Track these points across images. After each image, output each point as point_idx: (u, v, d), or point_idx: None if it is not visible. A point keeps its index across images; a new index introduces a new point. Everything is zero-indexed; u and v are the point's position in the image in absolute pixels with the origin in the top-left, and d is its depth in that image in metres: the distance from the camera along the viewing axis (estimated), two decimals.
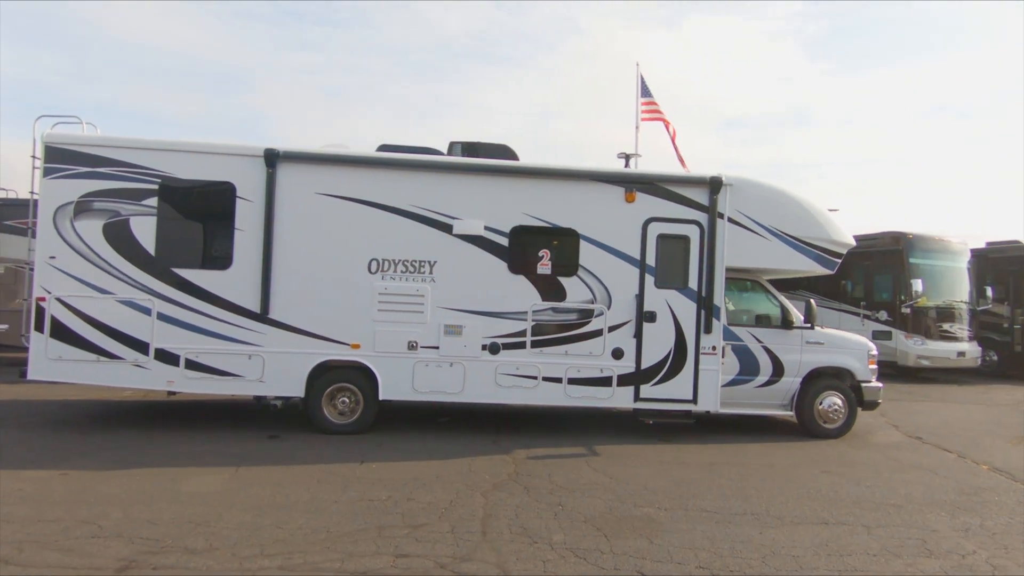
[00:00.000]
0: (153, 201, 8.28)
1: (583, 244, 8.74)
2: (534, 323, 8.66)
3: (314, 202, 8.46)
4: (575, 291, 8.73)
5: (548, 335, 8.70)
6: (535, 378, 8.65)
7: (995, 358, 19.10)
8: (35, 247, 8.26)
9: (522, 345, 8.66)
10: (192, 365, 8.26)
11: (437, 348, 8.53)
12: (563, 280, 8.72)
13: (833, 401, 9.32)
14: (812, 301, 9.80)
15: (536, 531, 5.19)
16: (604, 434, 9.03)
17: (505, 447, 8.09)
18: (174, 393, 8.83)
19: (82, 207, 8.19)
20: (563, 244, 8.78)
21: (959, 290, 18.23)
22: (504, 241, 8.65)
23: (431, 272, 8.54)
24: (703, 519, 5.63)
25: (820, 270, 9.27)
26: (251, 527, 5.08)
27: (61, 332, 8.12)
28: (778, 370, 9.31)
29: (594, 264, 8.75)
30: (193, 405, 10.18)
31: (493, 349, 8.60)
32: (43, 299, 8.13)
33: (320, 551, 4.67)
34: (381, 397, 8.48)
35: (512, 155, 9.38)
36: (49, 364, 8.13)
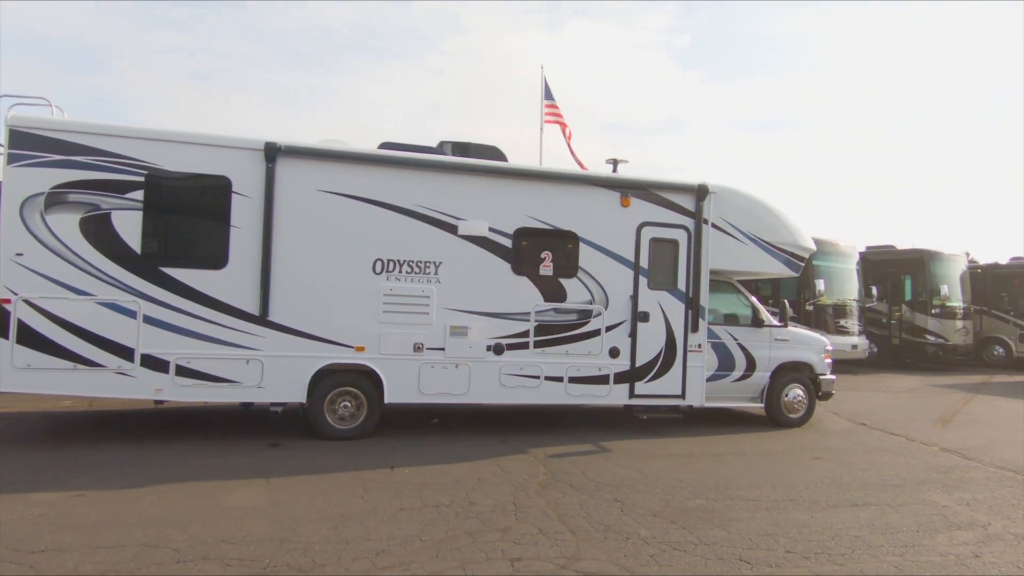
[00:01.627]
0: (138, 194, 7.63)
1: (582, 246, 8.98)
2: (536, 323, 8.81)
3: (316, 199, 8.13)
4: (575, 292, 8.96)
5: (550, 335, 8.87)
6: (538, 378, 8.80)
7: (875, 350, 21.31)
8: None
9: (525, 345, 8.78)
10: (183, 371, 7.69)
11: (443, 349, 8.47)
12: (564, 281, 8.93)
13: (797, 393, 10.17)
14: (786, 302, 10.62)
15: (618, 527, 5.38)
16: (600, 430, 9.34)
17: (518, 446, 8.18)
18: (161, 402, 8.19)
19: (55, 199, 7.41)
20: (564, 246, 8.98)
21: (850, 289, 20.18)
22: (508, 243, 8.73)
23: (436, 273, 8.47)
24: (752, 507, 6.04)
25: (788, 273, 10.09)
26: (339, 540, 4.90)
27: (30, 337, 7.31)
28: (751, 365, 10.02)
29: (593, 266, 9.02)
30: (152, 415, 9.46)
31: (497, 350, 8.66)
32: (7, 301, 7.28)
33: (431, 560, 4.61)
34: (387, 400, 8.30)
35: (502, 156, 9.47)
36: (16, 373, 7.29)
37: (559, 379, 8.88)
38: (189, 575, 4.26)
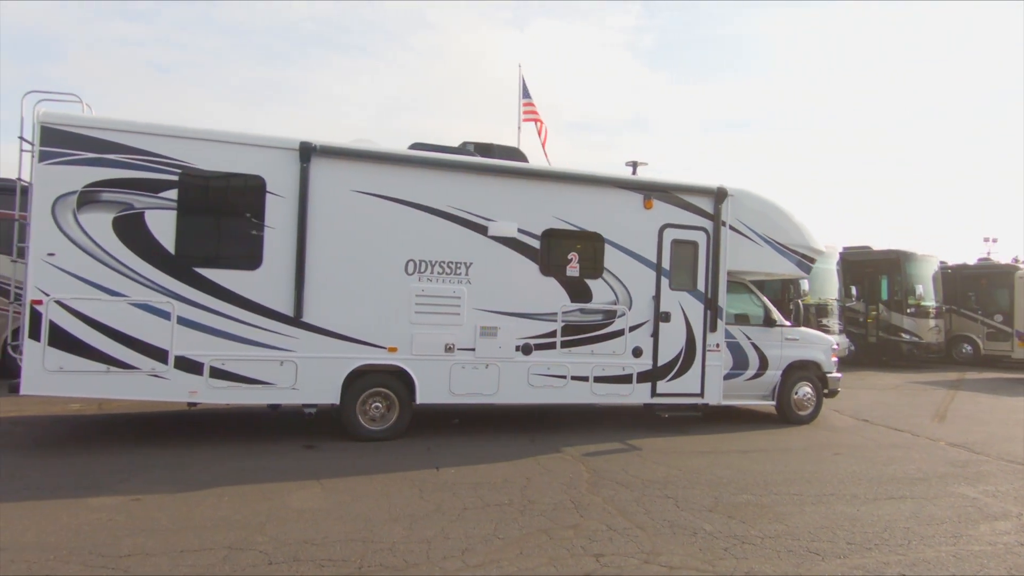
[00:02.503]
0: (172, 194, 7.53)
1: (608, 248, 9.15)
2: (563, 324, 8.94)
3: (349, 200, 8.13)
4: (600, 293, 9.12)
5: (576, 335, 9.01)
6: (564, 377, 8.94)
7: (854, 348, 21.99)
8: (29, 242, 7.20)
9: (552, 345, 8.90)
10: (217, 373, 7.63)
11: (473, 350, 8.54)
12: (589, 282, 9.08)
13: (806, 391, 10.51)
14: (799, 302, 10.94)
15: (681, 523, 5.54)
16: (620, 429, 9.51)
17: (548, 445, 8.31)
18: (194, 405, 8.09)
19: (87, 198, 7.28)
20: (590, 247, 9.12)
21: (831, 289, 20.77)
22: (536, 243, 8.84)
23: (467, 273, 8.53)
24: (797, 501, 6.27)
25: (800, 273, 10.43)
26: (419, 540, 4.96)
27: (62, 339, 7.17)
28: (764, 364, 10.32)
29: (617, 267, 9.19)
30: (160, 417, 9.34)
31: (526, 350, 8.76)
32: (39, 302, 7.13)
33: (518, 557, 4.70)
34: (419, 401, 8.35)
35: (523, 157, 9.60)
36: (48, 376, 7.15)
37: (585, 379, 9.03)
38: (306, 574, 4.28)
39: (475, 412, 10.11)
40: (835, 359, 10.87)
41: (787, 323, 10.57)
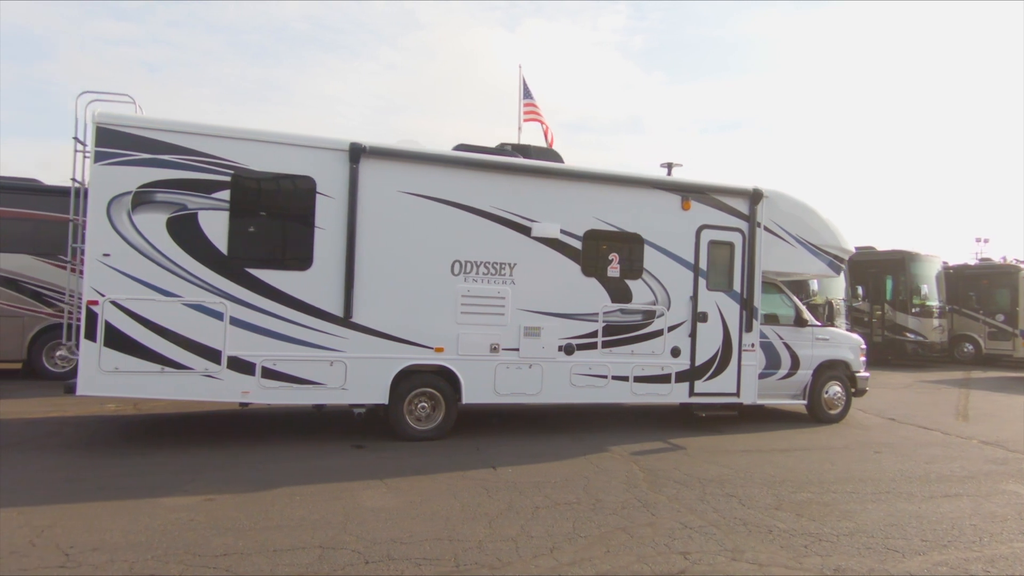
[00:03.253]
0: (225, 194, 7.54)
1: (647, 248, 9.23)
2: (604, 324, 9.01)
3: (397, 200, 8.17)
4: (640, 293, 9.20)
5: (616, 335, 9.09)
6: (605, 377, 9.01)
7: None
8: (85, 243, 7.20)
9: (594, 346, 8.98)
10: (269, 374, 7.65)
11: (517, 350, 8.60)
12: (629, 283, 9.16)
13: (836, 390, 10.64)
14: (833, 301, 11.08)
15: (752, 521, 5.63)
16: (658, 428, 9.61)
17: (594, 444, 8.39)
18: (246, 405, 8.11)
19: (142, 198, 7.28)
20: (629, 248, 9.20)
21: (838, 289, 20.98)
22: (578, 244, 8.91)
23: (511, 274, 8.59)
24: (857, 499, 6.38)
25: (831, 274, 10.56)
26: (504, 538, 5.02)
27: (117, 340, 7.17)
28: (795, 364, 10.44)
29: (656, 268, 9.27)
30: (194, 418, 9.35)
31: (568, 350, 8.83)
32: (95, 303, 7.13)
33: (606, 555, 4.77)
34: (464, 401, 8.39)
35: (559, 158, 9.66)
36: (104, 377, 7.16)
37: (625, 378, 9.11)
38: (390, 575, 4.32)
39: (508, 411, 10.17)
40: (863, 358, 11.01)
41: (817, 323, 10.70)
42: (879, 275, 23.33)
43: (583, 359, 8.90)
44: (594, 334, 8.97)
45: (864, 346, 11.17)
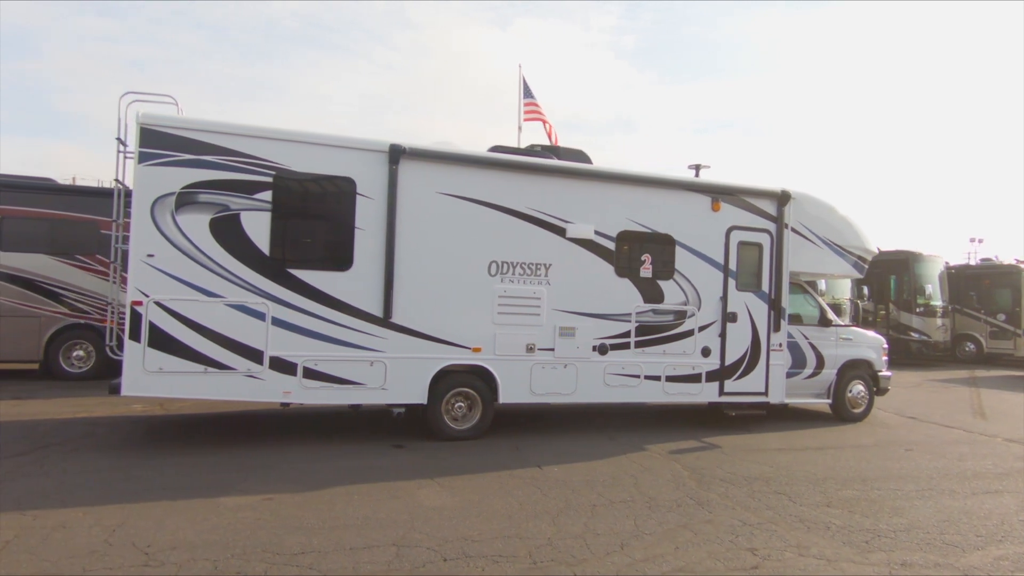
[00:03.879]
0: (267, 195, 7.56)
1: (678, 249, 9.31)
2: (637, 324, 9.09)
3: (435, 201, 8.21)
4: (671, 294, 9.28)
5: (649, 335, 9.16)
6: (638, 377, 9.09)
7: None
8: (130, 244, 7.19)
9: (627, 346, 9.05)
10: (310, 374, 7.67)
11: (552, 350, 8.66)
12: (661, 283, 9.23)
13: (860, 389, 10.77)
14: (858, 302, 11.20)
15: (807, 518, 5.72)
16: (688, 427, 9.69)
17: (631, 444, 8.45)
18: (287, 405, 8.12)
19: (185, 199, 7.28)
20: (661, 249, 9.27)
21: (844, 288, 21.19)
22: (611, 245, 8.98)
23: (547, 275, 8.65)
24: (902, 496, 6.48)
25: (855, 274, 10.68)
26: (571, 535, 5.08)
27: (161, 340, 7.18)
28: (820, 363, 10.56)
29: (687, 268, 9.36)
30: (226, 418, 9.36)
31: (602, 350, 8.90)
32: (139, 303, 7.13)
33: (675, 552, 4.84)
34: (501, 401, 8.44)
35: (587, 159, 9.72)
36: (148, 377, 7.16)
37: (657, 378, 9.18)
38: (472, 574, 4.37)
39: (532, 411, 10.23)
40: (886, 358, 11.14)
41: (840, 323, 10.82)
42: (883, 275, 23.50)
43: (616, 359, 8.97)
44: (627, 334, 9.04)
45: (886, 345, 11.30)
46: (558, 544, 4.90)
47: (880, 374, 10.99)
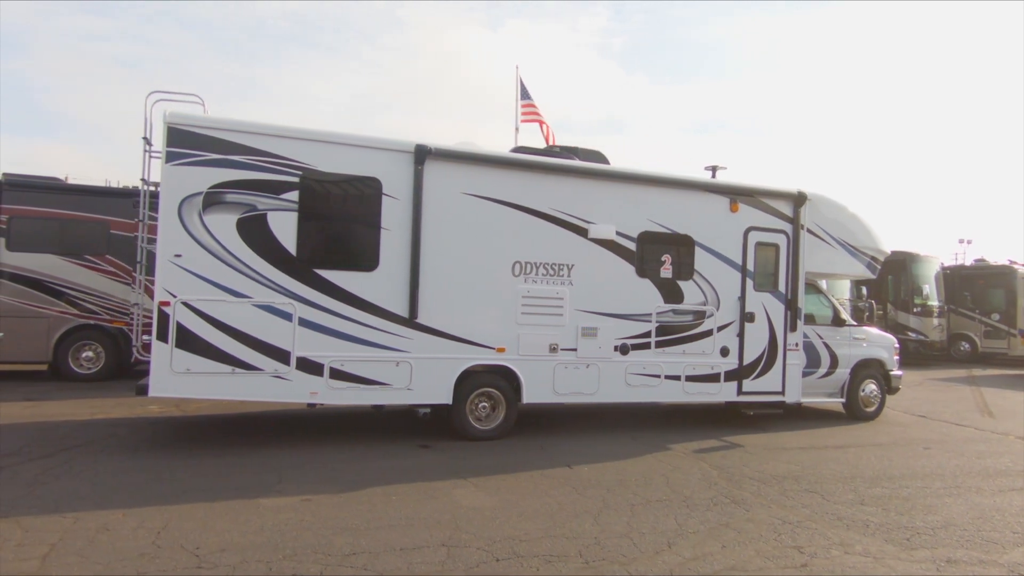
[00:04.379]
0: (293, 195, 7.54)
1: (697, 250, 9.36)
2: (657, 324, 9.13)
3: (460, 202, 8.21)
4: (691, 294, 9.33)
5: (669, 335, 9.21)
6: (659, 376, 9.13)
7: None
8: (157, 244, 7.15)
9: (647, 345, 9.09)
10: (337, 374, 7.65)
11: (575, 350, 8.69)
12: (681, 283, 9.28)
13: (872, 388, 10.87)
14: (873, 303, 11.29)
15: (844, 516, 5.78)
16: (706, 426, 9.74)
17: (654, 443, 8.50)
18: (314, 405, 8.10)
19: (212, 199, 7.25)
20: (681, 250, 9.32)
21: (843, 288, 21.34)
22: (632, 246, 9.01)
23: (569, 275, 8.67)
24: (930, 493, 6.55)
25: (869, 275, 10.78)
26: (616, 534, 5.11)
27: (188, 341, 7.14)
28: (834, 362, 10.65)
29: (706, 269, 9.41)
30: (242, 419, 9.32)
31: (623, 350, 8.93)
32: (167, 303, 7.09)
33: (724, 550, 4.87)
34: (525, 401, 8.46)
35: (605, 160, 9.75)
36: (175, 378, 7.12)
37: (677, 378, 9.23)
38: (525, 574, 4.38)
39: (547, 411, 10.25)
40: (897, 357, 11.25)
41: (853, 323, 10.92)
42: (881, 275, 23.62)
43: (637, 359, 9.01)
44: (648, 334, 9.08)
45: (897, 345, 11.41)
46: (605, 543, 4.92)
47: (892, 373, 11.09)
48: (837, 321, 10.77)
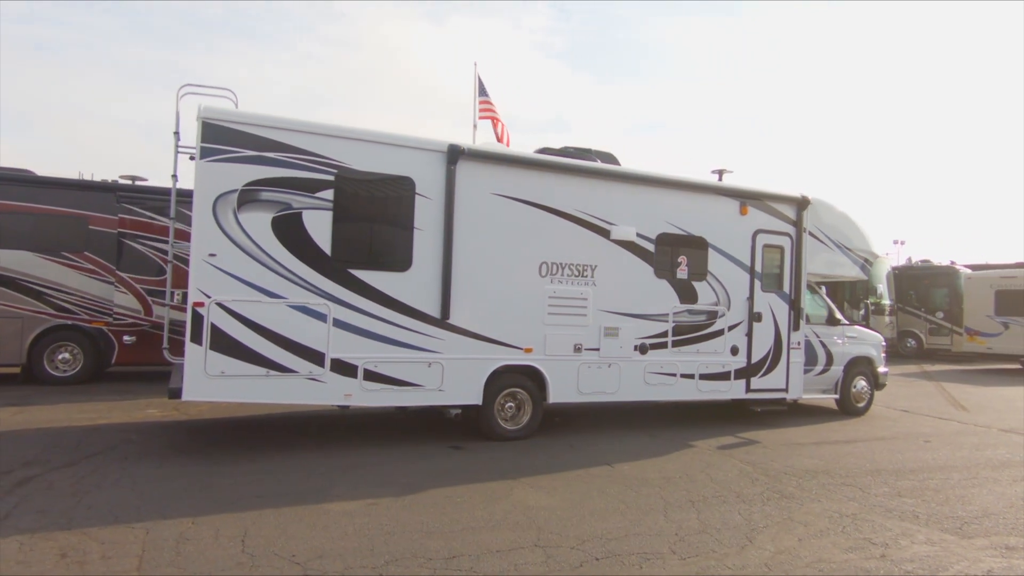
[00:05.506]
0: (328, 194, 7.40)
1: (711, 251, 9.62)
2: (674, 324, 9.34)
3: (489, 202, 8.22)
4: (704, 294, 9.58)
5: (684, 335, 9.43)
6: (675, 375, 9.34)
7: None
8: (191, 243, 6.90)
9: (664, 345, 9.29)
10: (371, 376, 7.56)
11: (598, 350, 8.81)
12: (695, 284, 9.52)
13: (863, 385, 11.39)
14: (869, 303, 11.79)
15: (891, 507, 6.07)
16: (717, 424, 10.02)
17: (676, 441, 8.70)
18: (346, 408, 7.95)
19: (247, 197, 7.05)
20: (695, 251, 9.55)
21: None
22: (651, 247, 9.19)
23: (592, 276, 8.79)
24: (957, 484, 6.95)
25: (862, 276, 11.29)
26: (696, 530, 5.24)
27: (223, 343, 6.93)
28: (830, 360, 11.11)
29: (718, 270, 9.68)
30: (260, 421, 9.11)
31: (642, 349, 9.11)
32: (201, 304, 6.86)
33: (799, 544, 5.06)
34: (551, 400, 8.54)
35: (616, 161, 9.91)
36: (209, 381, 6.89)
37: (691, 376, 9.47)
38: (630, 573, 4.46)
39: (559, 410, 10.36)
40: (884, 355, 11.81)
41: (846, 321, 11.42)
42: None
43: (655, 358, 9.19)
44: (665, 334, 9.28)
45: (884, 343, 11.98)
46: (688, 539, 5.04)
47: (880, 370, 11.64)
48: (831, 320, 11.24)
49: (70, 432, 8.02)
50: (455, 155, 7.90)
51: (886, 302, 23.95)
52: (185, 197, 9.56)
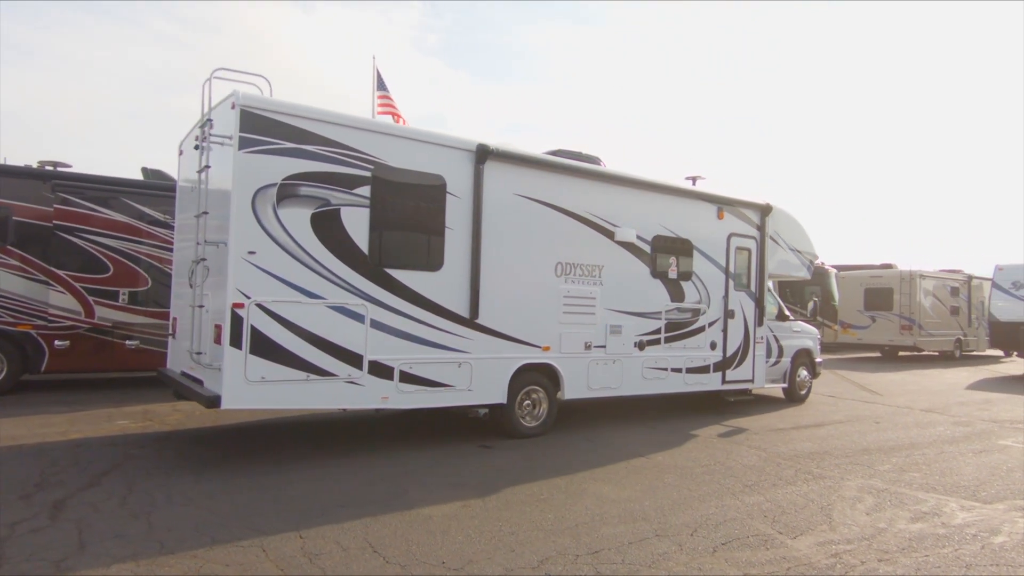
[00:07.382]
0: (365, 191, 7.19)
1: (695, 253, 10.26)
2: (666, 321, 9.88)
3: (513, 203, 8.31)
4: (690, 293, 10.20)
5: (674, 332, 10.00)
6: (666, 370, 9.89)
7: None
8: (229, 239, 6.44)
9: (658, 341, 9.81)
10: (406, 377, 7.43)
11: (605, 347, 9.16)
12: (683, 284, 10.11)
13: (805, 374, 12.58)
14: (816, 300, 12.92)
15: (909, 481, 6.87)
16: (698, 414, 10.68)
17: (678, 433, 9.22)
18: (381, 410, 7.69)
19: (286, 192, 6.71)
20: (683, 253, 10.14)
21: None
22: (648, 248, 9.67)
23: (600, 275, 9.12)
24: (936, 458, 7.94)
25: (807, 276, 12.42)
26: (767, 512, 5.68)
27: (263, 346, 6.55)
28: (780, 352, 12.16)
29: (701, 270, 10.34)
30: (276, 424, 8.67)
31: (640, 346, 9.57)
32: (240, 305, 6.45)
33: (870, 520, 5.65)
34: (565, 397, 8.77)
35: (599, 162, 10.32)
36: (249, 388, 6.49)
37: (679, 370, 10.06)
38: (767, 555, 4.80)
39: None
40: (819, 347, 13.08)
41: (792, 317, 12.54)
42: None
43: (651, 353, 9.69)
44: (659, 331, 9.79)
45: (820, 336, 13.26)
46: (783, 520, 5.49)
47: (816, 361, 12.89)
48: (781, 316, 12.30)
49: (55, 449, 7.20)
50: (483, 154, 7.91)
51: (835, 303, 26.21)
52: (167, 192, 8.85)
